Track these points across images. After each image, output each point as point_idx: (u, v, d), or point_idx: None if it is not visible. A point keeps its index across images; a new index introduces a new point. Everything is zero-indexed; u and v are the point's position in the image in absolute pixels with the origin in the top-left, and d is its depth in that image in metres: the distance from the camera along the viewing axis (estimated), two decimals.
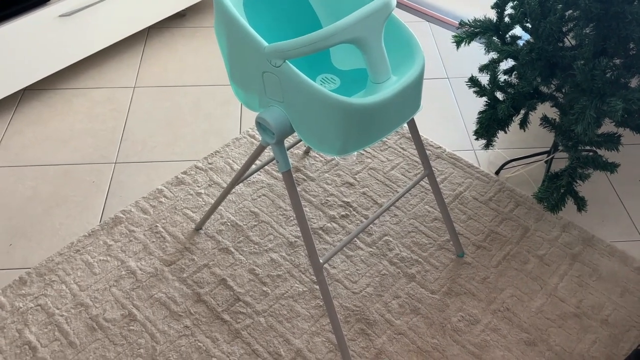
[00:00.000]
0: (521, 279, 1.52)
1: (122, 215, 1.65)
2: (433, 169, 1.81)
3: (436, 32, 2.41)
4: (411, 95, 1.11)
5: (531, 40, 1.40)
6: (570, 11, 1.28)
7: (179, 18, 2.43)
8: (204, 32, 2.37)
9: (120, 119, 1.97)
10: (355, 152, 1.60)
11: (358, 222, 1.65)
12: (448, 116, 2.01)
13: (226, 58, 1.17)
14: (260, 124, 1.12)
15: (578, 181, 1.38)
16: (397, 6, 2.57)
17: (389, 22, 1.16)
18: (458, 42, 1.56)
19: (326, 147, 1.08)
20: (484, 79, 2.12)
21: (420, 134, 1.93)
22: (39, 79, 1.97)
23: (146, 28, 2.26)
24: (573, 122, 1.28)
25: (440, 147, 1.87)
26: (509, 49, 1.41)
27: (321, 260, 1.24)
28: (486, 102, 1.50)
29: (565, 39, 1.46)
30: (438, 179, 1.77)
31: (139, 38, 2.31)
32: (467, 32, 1.54)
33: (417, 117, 2.00)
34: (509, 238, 1.61)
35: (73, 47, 2.02)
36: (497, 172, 1.80)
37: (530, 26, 1.41)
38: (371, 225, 1.64)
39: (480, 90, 1.50)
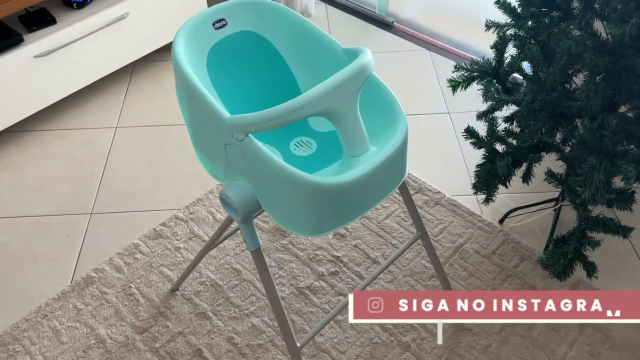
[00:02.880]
0: (526, 348, 1.37)
1: (94, 274, 1.54)
2: (432, 217, 1.67)
3: (437, 62, 2.28)
4: (394, 166, 0.98)
5: (533, 87, 1.27)
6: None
7: (166, 50, 2.32)
8: None
9: (99, 163, 1.86)
10: (331, 232, 1.47)
11: (348, 279, 1.52)
12: (448, 156, 1.88)
13: (188, 124, 1.05)
14: (224, 200, 1.00)
15: (588, 247, 1.24)
16: (396, 34, 2.44)
17: (367, 82, 1.04)
18: (454, 87, 1.43)
19: (296, 227, 0.96)
20: (483, 127, 1.96)
21: (418, 176, 1.79)
22: (16, 121, 1.88)
23: (132, 62, 2.16)
24: (580, 183, 1.14)
25: (439, 191, 1.74)
26: (508, 98, 1.28)
27: (299, 344, 1.11)
28: (484, 155, 1.37)
29: (573, 81, 1.33)
30: (436, 229, 1.64)
31: (124, 73, 2.20)
32: (464, 77, 1.41)
33: (415, 157, 1.87)
34: None
35: (51, 88, 1.92)
36: (501, 221, 1.66)
37: (531, 74, 1.27)
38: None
39: (478, 142, 1.36)
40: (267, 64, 1.11)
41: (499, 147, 1.37)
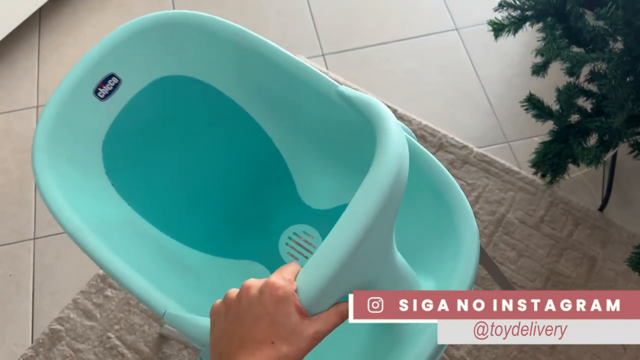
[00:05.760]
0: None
1: (59, 326, 1.21)
2: (462, 182, 1.37)
3: None
4: None
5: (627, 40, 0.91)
6: None
7: None
8: None
9: (27, 162, 1.44)
10: None
11: None
12: (465, 92, 1.52)
13: None
14: None
15: None
16: None
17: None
18: (496, 30, 1.05)
19: None
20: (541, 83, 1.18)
21: (434, 127, 1.45)
22: None
23: (37, 10, 1.61)
24: None
25: (464, 145, 1.41)
26: (589, 56, 0.92)
27: None
28: (554, 131, 1.03)
29: None
30: (470, 198, 1.34)
31: (29, 27, 1.65)
32: (511, 18, 1.03)
33: (425, 98, 1.50)
34: (574, 279, 1.24)
35: None
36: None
37: (616, 21, 0.90)
38: None
39: (543, 114, 1.02)
40: (219, 128, 0.69)
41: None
